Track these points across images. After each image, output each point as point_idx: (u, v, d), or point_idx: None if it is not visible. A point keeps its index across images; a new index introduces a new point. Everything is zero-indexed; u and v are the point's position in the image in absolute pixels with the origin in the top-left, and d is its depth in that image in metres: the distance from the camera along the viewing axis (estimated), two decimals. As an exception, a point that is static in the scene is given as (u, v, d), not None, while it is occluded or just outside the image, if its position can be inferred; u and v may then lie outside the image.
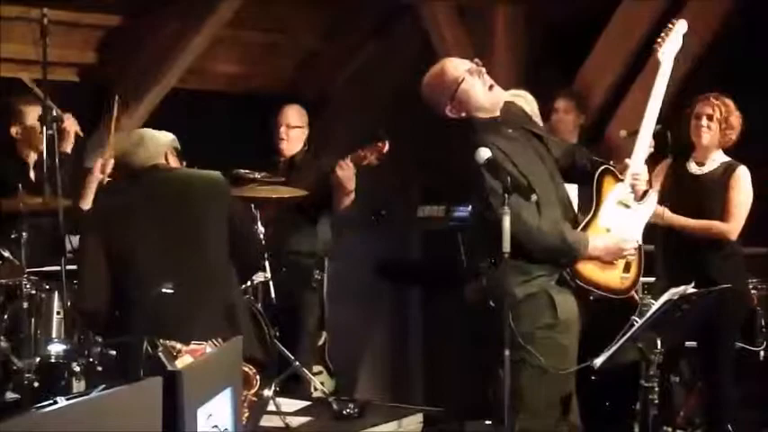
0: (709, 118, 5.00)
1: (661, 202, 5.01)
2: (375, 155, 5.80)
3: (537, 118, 4.76)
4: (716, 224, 4.95)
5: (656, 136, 4.94)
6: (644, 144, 4.23)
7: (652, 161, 5.04)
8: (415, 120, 7.17)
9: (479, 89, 3.96)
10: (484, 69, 3.98)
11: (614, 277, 4.05)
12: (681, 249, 4.93)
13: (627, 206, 4.12)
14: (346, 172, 5.82)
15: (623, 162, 4.18)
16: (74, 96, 6.54)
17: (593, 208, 4.06)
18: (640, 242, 4.15)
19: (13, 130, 5.63)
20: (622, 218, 4.09)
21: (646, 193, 4.20)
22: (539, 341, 3.86)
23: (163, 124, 7.22)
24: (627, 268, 4.09)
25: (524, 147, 3.96)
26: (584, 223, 4.02)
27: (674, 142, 4.99)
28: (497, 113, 4.00)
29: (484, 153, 3.74)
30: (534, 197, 4.17)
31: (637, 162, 4.16)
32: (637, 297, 4.22)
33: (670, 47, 4.37)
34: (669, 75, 4.33)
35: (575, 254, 3.91)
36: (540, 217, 3.86)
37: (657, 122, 5.01)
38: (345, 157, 5.87)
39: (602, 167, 4.12)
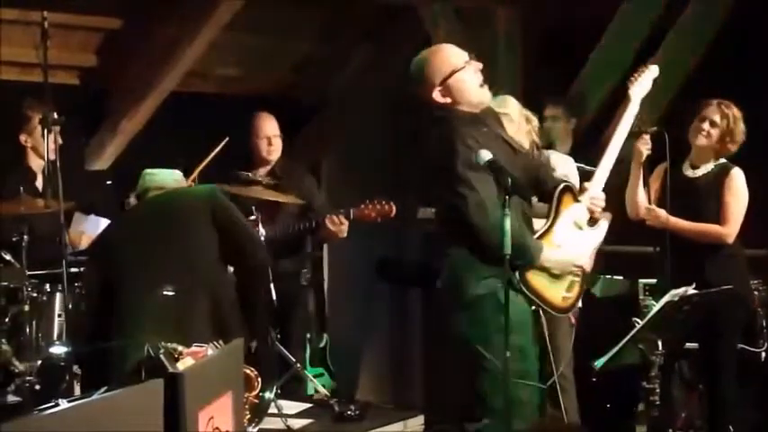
0: (712, 124, 4.99)
1: (660, 205, 5.02)
2: (379, 216, 5.55)
3: (524, 127, 4.79)
4: (712, 227, 4.95)
5: (653, 138, 4.96)
6: (604, 171, 4.27)
7: (649, 163, 5.06)
8: (414, 122, 7.21)
9: (473, 83, 3.99)
10: (481, 66, 4.02)
11: (557, 294, 4.06)
12: (681, 251, 4.92)
13: (580, 228, 4.16)
14: (339, 227, 5.58)
15: (582, 186, 4.24)
16: (74, 99, 6.53)
17: (550, 222, 4.09)
18: (587, 267, 4.18)
19: (23, 138, 5.63)
20: (575, 238, 4.12)
21: (597, 218, 4.23)
22: (491, 344, 3.87)
23: (162, 127, 7.27)
24: (570, 288, 4.10)
25: (498, 148, 3.97)
26: (538, 234, 4.05)
27: (672, 145, 4.99)
28: (478, 112, 4.03)
29: (485, 155, 3.75)
30: (534, 199, 4.19)
31: (596, 186, 4.18)
32: (573, 320, 4.23)
33: (640, 88, 4.52)
34: (637, 112, 4.46)
35: (530, 258, 3.92)
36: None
37: (655, 124, 5.03)
38: (339, 211, 5.56)
39: (563, 185, 4.15)
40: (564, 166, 4.85)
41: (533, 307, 3.99)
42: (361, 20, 7.60)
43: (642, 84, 4.56)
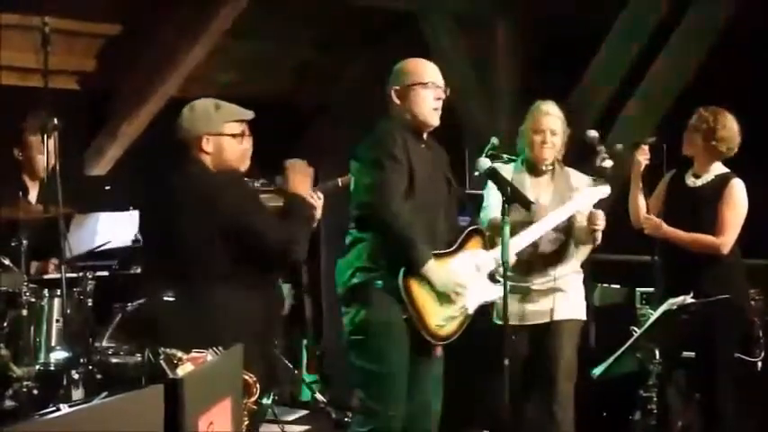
0: (695, 129, 5.01)
1: (660, 215, 5.03)
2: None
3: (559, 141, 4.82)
4: (707, 237, 4.95)
5: (651, 148, 4.99)
6: (525, 241, 4.39)
7: (648, 172, 5.07)
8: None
9: (430, 104, 4.17)
10: (443, 96, 4.22)
11: (434, 317, 4.09)
12: (680, 260, 4.93)
13: (479, 272, 4.22)
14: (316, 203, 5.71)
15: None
16: (74, 104, 6.55)
17: (451, 251, 4.16)
18: (470, 310, 4.19)
19: (16, 152, 5.60)
20: (469, 275, 4.18)
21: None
22: (354, 341, 4.02)
23: (162, 133, 7.27)
24: (449, 319, 4.13)
25: (426, 162, 4.12)
26: (437, 252, 4.10)
27: (671, 155, 5.01)
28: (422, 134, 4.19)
29: (484, 163, 3.77)
30: (534, 207, 4.22)
31: (507, 251, 4.17)
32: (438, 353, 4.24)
33: (585, 201, 4.56)
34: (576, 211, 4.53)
35: (414, 257, 3.98)
36: (407, 209, 3.96)
37: (654, 134, 5.05)
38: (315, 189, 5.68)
39: (475, 227, 4.29)
40: (581, 183, 4.84)
41: (405, 316, 4.01)
42: (361, 27, 7.61)
43: (591, 197, 4.62)
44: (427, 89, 4.18)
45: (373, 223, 4.02)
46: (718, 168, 5.05)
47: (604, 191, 4.58)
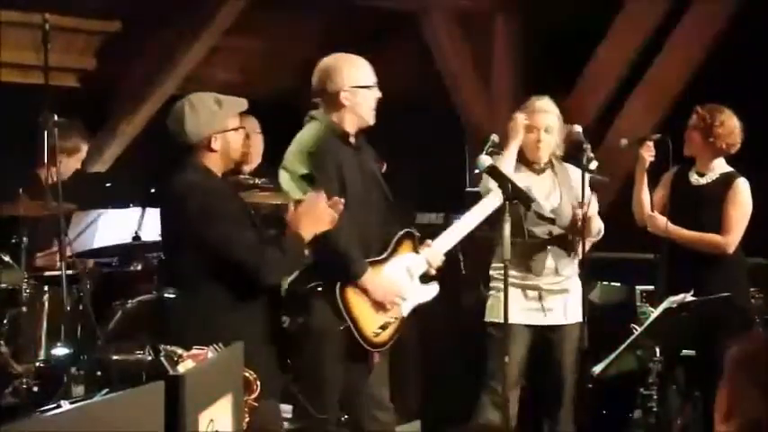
0: (694, 128, 5.00)
1: (664, 212, 5.02)
2: None
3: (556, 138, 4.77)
4: (712, 237, 4.94)
5: (657, 144, 4.97)
6: (451, 238, 4.35)
7: (653, 169, 5.06)
8: (414, 128, 7.22)
9: (372, 105, 4.20)
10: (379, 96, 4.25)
11: (371, 325, 4.10)
12: (682, 259, 4.93)
13: (411, 276, 4.23)
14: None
15: (426, 241, 4.28)
16: (74, 102, 6.54)
17: (384, 257, 4.17)
18: (405, 314, 4.22)
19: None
20: (402, 281, 4.19)
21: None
22: (296, 342, 4.00)
23: (161, 131, 7.26)
24: (384, 326, 4.15)
25: (355, 168, 4.12)
26: (371, 260, 4.11)
27: (675, 151, 4.99)
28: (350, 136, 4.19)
29: (485, 160, 3.77)
30: (534, 206, 4.20)
31: (438, 247, 4.23)
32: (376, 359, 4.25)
33: (490, 203, 4.39)
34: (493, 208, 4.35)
35: (351, 270, 4.00)
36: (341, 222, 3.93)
37: (660, 131, 5.03)
38: None
39: (406, 231, 4.26)
40: (575, 178, 4.81)
41: (342, 327, 4.02)
42: (361, 26, 7.61)
43: (485, 209, 4.47)
44: (371, 90, 4.20)
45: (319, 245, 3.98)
46: (722, 167, 5.04)
47: (494, 203, 4.32)
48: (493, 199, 4.27)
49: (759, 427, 2.09)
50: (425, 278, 4.28)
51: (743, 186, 4.98)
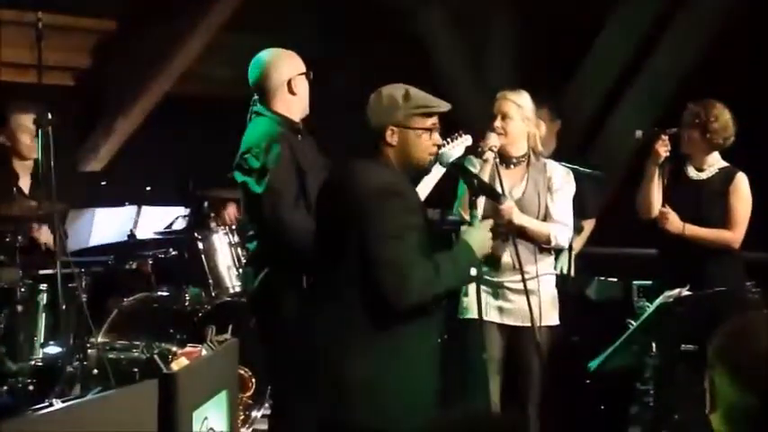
0: (689, 125, 4.97)
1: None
2: None
3: (532, 129, 4.71)
4: (725, 233, 4.91)
5: (672, 138, 4.92)
6: None
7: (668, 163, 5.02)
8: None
9: (306, 94, 4.30)
10: None
11: None
12: (679, 254, 4.91)
13: None
14: None
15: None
16: (69, 100, 6.53)
17: None
18: None
19: (1, 139, 5.51)
20: None
21: None
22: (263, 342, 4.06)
23: (157, 129, 7.27)
24: None
25: (307, 157, 4.17)
26: None
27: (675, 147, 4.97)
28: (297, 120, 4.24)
29: (448, 156, 3.73)
30: (507, 200, 4.16)
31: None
32: None
33: (452, 153, 4.31)
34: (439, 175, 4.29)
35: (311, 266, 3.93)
36: (298, 218, 3.93)
37: (672, 126, 4.97)
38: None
39: None
40: (556, 175, 4.73)
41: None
42: (358, 23, 7.61)
43: (454, 150, 4.43)
44: (305, 79, 4.29)
45: (269, 235, 4.00)
46: (719, 161, 5.02)
47: (435, 176, 4.25)
48: (434, 173, 4.12)
49: (740, 414, 2.08)
50: None
51: (744, 181, 4.96)
